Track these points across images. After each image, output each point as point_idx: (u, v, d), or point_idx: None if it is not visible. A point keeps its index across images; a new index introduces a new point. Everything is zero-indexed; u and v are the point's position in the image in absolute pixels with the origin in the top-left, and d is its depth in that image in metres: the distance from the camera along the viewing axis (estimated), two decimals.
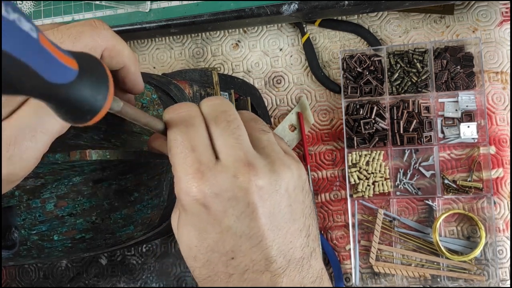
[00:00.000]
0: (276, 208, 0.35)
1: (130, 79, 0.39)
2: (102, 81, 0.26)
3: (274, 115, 0.73)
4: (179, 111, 0.36)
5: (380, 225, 0.67)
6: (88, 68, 0.25)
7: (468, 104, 0.67)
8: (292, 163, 0.36)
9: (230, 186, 0.33)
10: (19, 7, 0.21)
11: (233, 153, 0.34)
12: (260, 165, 0.34)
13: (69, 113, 0.26)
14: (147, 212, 0.48)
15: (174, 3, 0.66)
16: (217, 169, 0.33)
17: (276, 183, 0.34)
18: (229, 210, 0.34)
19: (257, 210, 0.34)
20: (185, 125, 0.35)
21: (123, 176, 0.46)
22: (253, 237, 0.34)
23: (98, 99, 0.26)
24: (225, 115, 0.35)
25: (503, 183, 0.67)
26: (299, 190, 0.37)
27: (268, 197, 0.34)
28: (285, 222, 0.35)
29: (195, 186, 0.33)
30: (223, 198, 0.33)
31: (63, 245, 0.46)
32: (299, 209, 0.37)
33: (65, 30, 0.33)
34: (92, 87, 0.25)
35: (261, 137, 0.37)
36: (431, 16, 0.70)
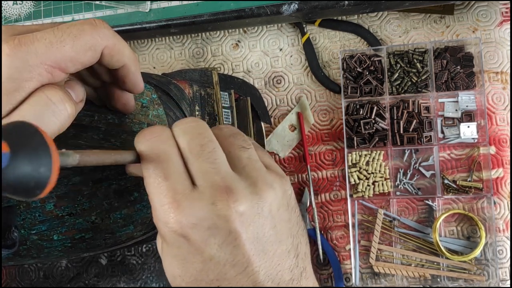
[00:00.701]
0: (260, 232, 0.33)
1: (130, 79, 0.39)
2: (41, 151, 0.25)
3: (274, 115, 0.73)
4: (149, 137, 0.34)
5: (380, 225, 0.67)
6: (20, 144, 0.24)
7: (468, 104, 0.67)
8: (275, 180, 0.35)
9: (208, 214, 0.32)
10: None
11: (208, 178, 0.33)
12: (239, 188, 0.33)
13: (16, 193, 0.25)
14: (147, 212, 0.48)
15: (174, 3, 0.66)
16: (194, 197, 0.32)
17: (258, 206, 0.33)
18: (210, 239, 0.32)
19: (240, 237, 0.32)
20: (156, 153, 0.33)
21: (123, 176, 0.46)
22: (238, 264, 0.33)
23: (41, 172, 0.24)
24: (199, 138, 0.34)
25: (503, 183, 0.67)
26: (283, 209, 0.35)
27: (250, 222, 0.33)
28: (271, 245, 0.34)
29: (171, 216, 0.32)
30: (202, 227, 0.32)
31: (62, 245, 0.46)
32: (286, 229, 0.35)
33: (66, 28, 0.33)
34: (31, 162, 0.24)
35: (241, 154, 0.35)
36: (431, 16, 0.70)
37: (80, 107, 0.38)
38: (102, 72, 0.40)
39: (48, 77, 0.33)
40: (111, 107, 0.44)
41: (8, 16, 0.69)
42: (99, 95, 0.44)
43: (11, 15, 0.69)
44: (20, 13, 0.69)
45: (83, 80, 0.41)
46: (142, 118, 0.47)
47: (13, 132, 0.25)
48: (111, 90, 0.42)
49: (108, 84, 0.42)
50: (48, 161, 0.25)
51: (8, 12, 0.69)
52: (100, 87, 0.43)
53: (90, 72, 0.40)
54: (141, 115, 0.47)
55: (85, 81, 0.41)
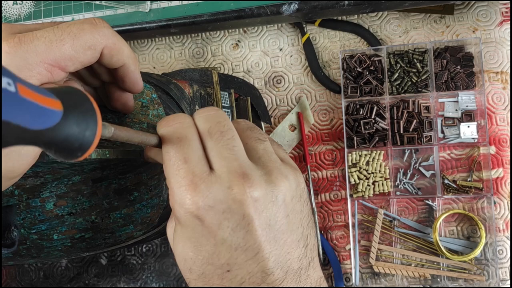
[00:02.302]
0: (272, 219, 0.34)
1: (129, 78, 0.39)
2: (89, 116, 0.26)
3: (274, 115, 0.73)
4: (172, 123, 0.35)
5: (380, 225, 0.67)
6: (73, 105, 0.25)
7: (468, 104, 0.67)
8: (290, 172, 0.36)
9: (224, 198, 0.33)
10: None
11: (227, 164, 0.34)
12: (255, 175, 0.34)
13: (58, 153, 0.25)
14: (147, 212, 0.48)
15: (174, 3, 0.66)
16: (211, 180, 0.33)
17: (272, 194, 0.34)
18: (224, 223, 0.33)
19: (253, 222, 0.33)
20: (178, 138, 0.34)
21: (123, 175, 0.46)
22: (249, 249, 0.34)
23: (86, 135, 0.26)
24: (219, 126, 0.35)
25: (503, 183, 0.67)
26: (296, 199, 0.36)
27: (264, 209, 0.34)
28: (282, 233, 0.35)
29: (188, 198, 0.33)
30: (217, 210, 0.33)
31: (62, 244, 0.46)
32: (297, 219, 0.36)
33: (65, 27, 0.33)
34: (79, 124, 0.25)
35: (257, 146, 0.36)
36: (431, 16, 0.70)
37: None
38: (101, 71, 0.40)
39: (48, 76, 0.33)
40: (111, 107, 0.44)
41: (8, 16, 0.69)
42: (99, 95, 0.44)
43: (11, 15, 0.69)
44: (20, 13, 0.69)
45: (82, 80, 0.41)
46: (142, 117, 0.47)
47: (67, 94, 0.26)
48: (110, 90, 0.42)
49: (108, 84, 0.42)
50: (94, 127, 0.26)
51: (8, 12, 0.69)
52: (99, 87, 0.43)
53: (89, 72, 0.41)
54: (141, 115, 0.47)
55: (84, 81, 0.42)
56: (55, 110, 0.24)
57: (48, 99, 0.23)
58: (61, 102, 0.25)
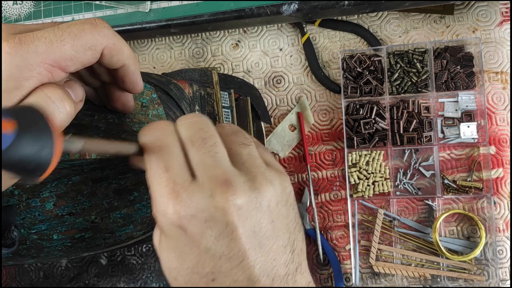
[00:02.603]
0: (257, 226, 0.33)
1: (129, 78, 0.39)
2: (45, 135, 0.25)
3: (274, 115, 0.73)
4: (153, 131, 0.35)
5: (380, 225, 0.67)
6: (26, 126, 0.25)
7: (468, 104, 0.67)
8: (275, 176, 0.35)
9: (206, 206, 0.32)
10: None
11: (209, 171, 0.33)
12: (238, 182, 0.33)
13: (18, 174, 0.25)
14: (147, 212, 0.48)
15: (174, 3, 0.66)
16: (193, 189, 0.32)
17: (256, 200, 0.33)
18: (207, 231, 0.32)
19: (237, 230, 0.32)
20: (158, 146, 0.34)
21: (122, 175, 0.46)
22: (234, 257, 0.33)
23: (42, 155, 0.25)
24: (201, 133, 0.35)
25: (503, 183, 0.67)
26: (282, 204, 0.35)
27: (248, 216, 0.33)
28: (268, 240, 0.34)
29: (170, 207, 0.32)
30: (200, 219, 0.32)
31: (62, 244, 0.46)
32: (283, 225, 0.35)
33: (66, 28, 0.33)
34: (34, 144, 0.25)
35: (242, 151, 0.36)
36: (431, 16, 0.70)
37: (79, 107, 0.38)
38: (101, 72, 0.40)
39: (48, 76, 0.33)
40: (111, 107, 0.44)
41: (8, 16, 0.69)
42: (99, 95, 0.44)
43: (11, 15, 0.69)
44: (20, 13, 0.69)
45: (82, 80, 0.41)
46: (142, 117, 0.47)
47: (21, 113, 0.25)
48: (110, 90, 0.42)
49: (108, 84, 0.42)
50: (50, 145, 0.26)
51: (8, 12, 0.69)
52: (99, 87, 0.43)
53: (89, 72, 0.40)
54: (141, 115, 0.47)
55: (84, 81, 0.42)
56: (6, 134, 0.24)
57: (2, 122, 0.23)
58: (15, 121, 0.24)
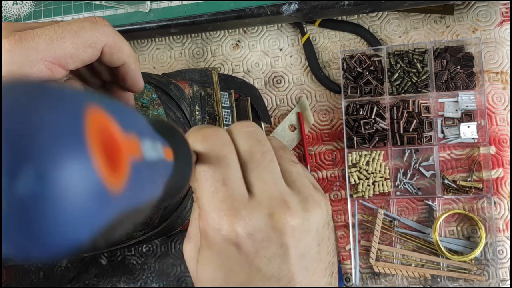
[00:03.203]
0: (306, 248, 0.33)
1: (130, 77, 0.39)
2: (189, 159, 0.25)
3: (274, 115, 0.73)
4: (209, 140, 0.33)
5: (380, 225, 0.67)
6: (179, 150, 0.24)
7: (468, 104, 0.67)
8: (322, 199, 0.35)
9: (264, 226, 0.31)
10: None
11: (268, 189, 0.32)
12: (294, 202, 0.32)
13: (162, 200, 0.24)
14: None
15: (174, 3, 0.66)
16: (252, 206, 0.31)
17: (308, 222, 0.33)
18: (261, 251, 0.32)
19: (289, 251, 0.32)
20: (216, 156, 0.32)
21: None
22: (282, 278, 0.32)
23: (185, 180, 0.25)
24: (260, 146, 0.33)
25: (503, 183, 0.67)
26: (326, 227, 0.35)
27: (300, 238, 0.32)
28: (313, 262, 0.34)
29: (227, 224, 0.31)
30: (256, 238, 0.31)
31: None
32: (326, 247, 0.35)
33: (66, 25, 0.33)
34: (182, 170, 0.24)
35: (292, 169, 0.35)
36: (431, 16, 0.70)
37: None
38: (102, 70, 0.40)
39: (48, 73, 0.33)
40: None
41: (8, 16, 0.69)
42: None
43: (11, 15, 0.69)
44: (20, 13, 0.69)
45: (83, 79, 0.41)
46: None
47: (171, 136, 0.24)
48: (111, 89, 0.42)
49: (108, 83, 0.42)
50: (191, 168, 0.25)
51: (8, 12, 0.69)
52: (100, 86, 0.43)
53: (90, 71, 0.41)
54: None
55: (85, 80, 0.42)
56: (170, 161, 0.22)
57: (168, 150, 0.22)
58: (172, 150, 0.23)
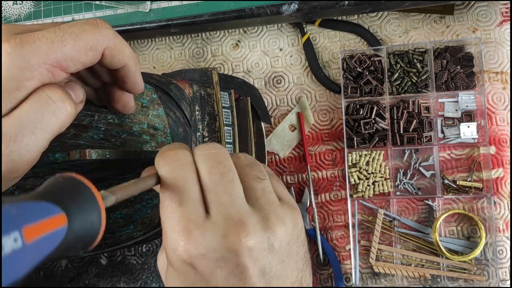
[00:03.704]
0: (267, 266, 0.33)
1: (130, 79, 0.39)
2: (93, 211, 0.24)
3: (274, 115, 0.73)
4: (170, 161, 0.34)
5: (380, 225, 0.67)
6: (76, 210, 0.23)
7: (468, 104, 0.67)
8: (287, 214, 0.35)
9: (218, 247, 0.32)
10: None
11: (223, 210, 0.32)
12: (251, 222, 0.33)
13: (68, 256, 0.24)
14: (147, 212, 0.48)
15: (174, 3, 0.66)
16: (206, 227, 0.32)
17: (268, 241, 0.33)
18: (217, 271, 0.32)
19: (247, 271, 0.32)
20: (174, 178, 0.33)
21: (123, 175, 0.46)
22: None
23: (93, 230, 0.24)
24: (219, 167, 0.34)
25: (503, 183, 0.67)
26: (292, 243, 0.35)
27: (258, 257, 0.33)
28: (277, 279, 0.34)
29: (181, 245, 0.32)
30: (211, 258, 0.32)
31: None
32: (292, 263, 0.35)
33: (67, 28, 0.33)
34: (85, 225, 0.24)
35: (256, 186, 0.35)
36: (431, 16, 0.70)
37: (80, 108, 0.38)
38: (102, 72, 0.40)
39: (49, 76, 0.33)
40: (111, 108, 0.44)
41: (8, 16, 0.69)
42: (99, 95, 0.44)
43: (11, 15, 0.69)
44: (20, 13, 0.68)
45: (83, 80, 0.41)
46: (142, 118, 0.47)
47: (65, 194, 0.24)
48: (111, 90, 0.42)
49: (108, 84, 0.42)
50: (99, 217, 0.25)
51: (8, 12, 0.69)
52: (100, 87, 0.43)
53: (90, 73, 0.40)
54: (141, 115, 0.47)
55: (85, 82, 0.42)
56: (59, 229, 0.22)
57: (53, 219, 0.21)
58: (64, 213, 0.23)
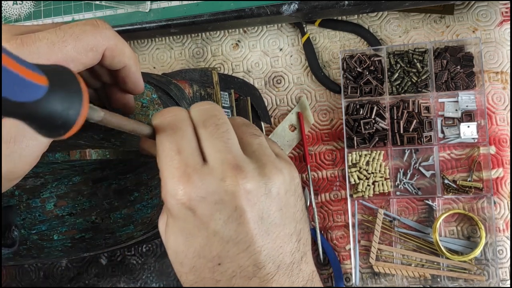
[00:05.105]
0: (265, 212, 0.34)
1: (130, 79, 0.39)
2: (75, 95, 0.26)
3: (274, 115, 0.73)
4: (167, 115, 0.35)
5: (380, 225, 0.67)
6: (58, 83, 0.25)
7: (468, 104, 0.67)
8: (284, 166, 0.36)
9: (216, 189, 0.32)
10: None
11: (220, 156, 0.33)
12: (249, 168, 0.33)
13: (41, 128, 0.25)
14: (147, 212, 0.48)
15: (174, 3, 0.66)
16: (204, 171, 0.33)
17: (266, 186, 0.34)
18: (216, 214, 0.33)
19: (245, 215, 0.33)
20: (171, 128, 0.34)
21: (123, 175, 0.46)
22: (241, 242, 0.33)
23: (70, 114, 0.25)
24: (214, 119, 0.35)
25: (503, 183, 0.67)
26: (290, 193, 0.36)
27: (256, 201, 0.33)
28: (275, 227, 0.35)
29: (181, 189, 0.33)
30: (210, 201, 0.33)
31: (63, 244, 0.46)
32: (290, 213, 0.36)
33: (68, 29, 0.33)
34: (63, 102, 0.25)
35: (252, 141, 0.36)
36: (431, 16, 0.70)
37: None
38: (102, 73, 0.40)
39: None
40: (111, 109, 0.44)
41: (8, 16, 0.69)
42: (100, 96, 0.44)
43: (11, 15, 0.69)
44: (20, 13, 0.69)
45: (83, 81, 0.41)
46: (142, 118, 0.47)
47: (55, 71, 0.25)
48: (111, 91, 0.42)
49: (109, 85, 0.42)
50: (78, 106, 0.26)
51: (8, 12, 0.69)
52: (100, 88, 0.43)
53: (90, 73, 0.41)
54: (141, 115, 0.47)
55: (85, 83, 0.41)
56: (38, 84, 0.23)
57: (32, 73, 0.23)
58: (47, 78, 0.24)
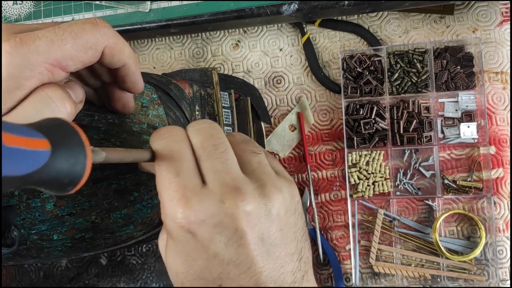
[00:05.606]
0: (265, 233, 0.34)
1: (130, 78, 0.39)
2: (78, 149, 0.25)
3: (274, 115, 0.73)
4: (164, 136, 0.35)
5: (380, 225, 0.67)
6: (60, 142, 0.25)
7: (468, 104, 0.67)
8: (284, 185, 0.35)
9: (216, 212, 0.32)
10: None
11: (219, 177, 0.33)
12: (248, 189, 0.33)
13: (49, 189, 0.25)
14: (147, 212, 0.48)
15: (174, 3, 0.66)
16: (203, 194, 0.33)
17: (265, 207, 0.34)
18: (216, 237, 0.33)
19: (245, 236, 0.33)
20: (170, 151, 0.34)
21: (123, 175, 0.46)
22: (242, 263, 0.33)
23: (76, 170, 0.25)
24: (212, 139, 0.35)
25: (503, 183, 0.67)
26: (290, 213, 0.36)
27: (257, 223, 0.33)
28: (276, 247, 0.34)
29: (180, 212, 0.32)
30: (209, 224, 0.32)
31: (62, 244, 0.46)
32: (291, 233, 0.36)
33: (67, 27, 0.33)
34: (68, 160, 0.25)
35: (252, 159, 0.36)
36: (431, 16, 0.70)
37: (79, 108, 0.38)
38: (102, 72, 0.40)
39: (49, 76, 0.33)
40: (111, 108, 0.44)
41: (8, 16, 0.69)
42: (99, 95, 0.44)
43: (11, 15, 0.69)
44: (20, 13, 0.69)
45: (83, 80, 0.41)
46: (142, 118, 0.47)
47: (53, 129, 0.25)
48: (111, 90, 0.42)
49: (108, 84, 0.42)
50: (83, 160, 0.26)
51: (8, 12, 0.69)
52: (100, 87, 0.43)
53: (90, 72, 0.40)
54: (141, 115, 0.47)
55: (85, 82, 0.41)
56: (40, 150, 0.23)
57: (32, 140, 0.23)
58: (48, 140, 0.24)
